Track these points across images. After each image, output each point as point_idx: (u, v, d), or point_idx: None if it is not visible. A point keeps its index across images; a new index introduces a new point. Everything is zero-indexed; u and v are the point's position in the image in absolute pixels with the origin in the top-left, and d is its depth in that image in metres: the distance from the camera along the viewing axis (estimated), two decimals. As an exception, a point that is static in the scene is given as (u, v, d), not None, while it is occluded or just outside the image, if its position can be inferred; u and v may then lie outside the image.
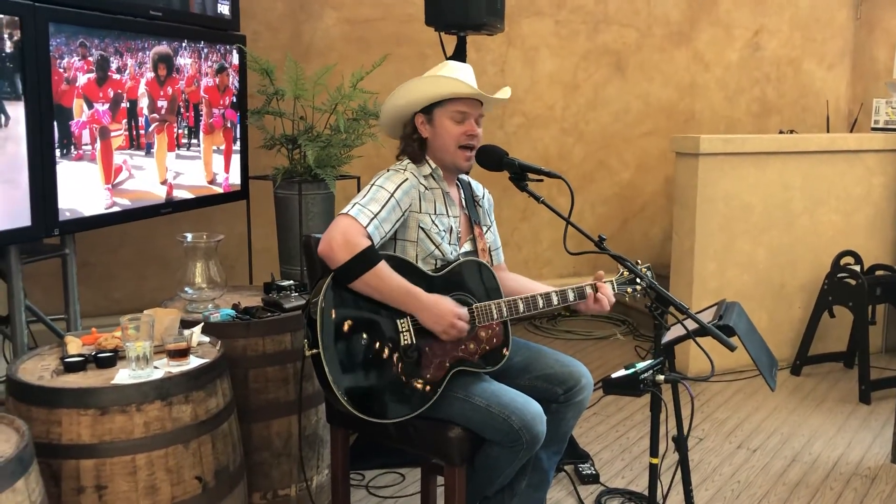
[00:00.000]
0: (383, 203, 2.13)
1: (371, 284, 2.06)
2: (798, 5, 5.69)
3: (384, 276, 2.06)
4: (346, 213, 2.09)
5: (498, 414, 2.07)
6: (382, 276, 2.06)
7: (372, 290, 2.07)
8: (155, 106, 3.19)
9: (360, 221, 2.07)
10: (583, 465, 3.14)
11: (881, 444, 3.44)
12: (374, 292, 2.07)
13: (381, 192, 2.16)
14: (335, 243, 2.03)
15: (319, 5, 4.52)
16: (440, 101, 2.27)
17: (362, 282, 2.05)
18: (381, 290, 2.07)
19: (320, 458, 2.77)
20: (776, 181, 4.31)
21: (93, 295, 4.01)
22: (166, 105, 3.24)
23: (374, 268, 2.04)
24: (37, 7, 2.62)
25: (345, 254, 2.02)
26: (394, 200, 2.15)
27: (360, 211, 2.10)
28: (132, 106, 3.06)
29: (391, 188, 2.17)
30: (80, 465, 1.93)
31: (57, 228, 2.79)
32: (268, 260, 4.01)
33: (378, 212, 2.11)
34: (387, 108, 2.34)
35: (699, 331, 1.95)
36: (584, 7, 5.22)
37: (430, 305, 2.10)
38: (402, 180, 2.20)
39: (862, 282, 4.05)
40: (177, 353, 2.12)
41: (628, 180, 5.54)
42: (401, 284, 2.09)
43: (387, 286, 2.07)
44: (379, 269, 2.05)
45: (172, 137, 3.31)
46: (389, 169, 2.27)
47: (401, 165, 2.29)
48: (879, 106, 4.75)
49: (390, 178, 2.20)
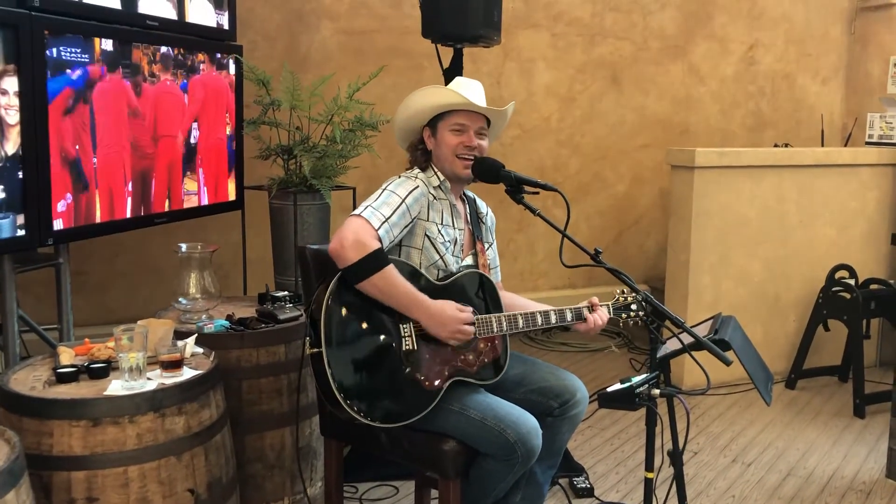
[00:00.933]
0: (394, 208, 2.15)
1: (378, 286, 2.06)
2: (793, 20, 5.72)
3: (392, 279, 2.07)
4: (358, 215, 2.11)
5: (493, 427, 2.06)
6: (390, 278, 2.07)
7: (379, 292, 2.07)
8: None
9: (371, 223, 2.09)
10: (577, 478, 3.13)
11: (876, 458, 3.43)
12: (380, 294, 2.07)
13: (393, 197, 2.17)
14: (346, 242, 2.04)
15: (316, 16, 4.52)
16: (443, 113, 2.30)
17: (370, 283, 2.05)
18: (388, 292, 2.07)
19: (313, 470, 2.76)
20: (771, 195, 4.32)
21: (86, 304, 3.99)
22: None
23: (382, 269, 2.05)
24: (34, 17, 2.62)
25: (355, 253, 2.03)
26: (404, 206, 2.17)
27: (372, 213, 2.11)
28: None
29: (403, 194, 2.19)
30: (71, 477, 1.91)
31: (51, 238, 2.78)
32: (262, 270, 4.00)
33: (389, 216, 2.13)
34: (397, 120, 2.38)
35: (695, 345, 1.95)
36: (580, 20, 5.24)
37: (436, 312, 2.10)
38: (414, 187, 2.22)
39: (857, 295, 4.06)
40: (170, 365, 2.11)
41: (623, 193, 5.55)
42: (407, 289, 2.09)
43: (394, 289, 2.07)
44: (387, 272, 2.06)
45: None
46: (401, 175, 2.30)
47: (412, 173, 2.31)
48: (874, 120, 4.78)
49: (402, 185, 2.22)
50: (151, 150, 3.22)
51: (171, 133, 3.33)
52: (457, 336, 2.12)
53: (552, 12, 5.16)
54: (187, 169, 3.45)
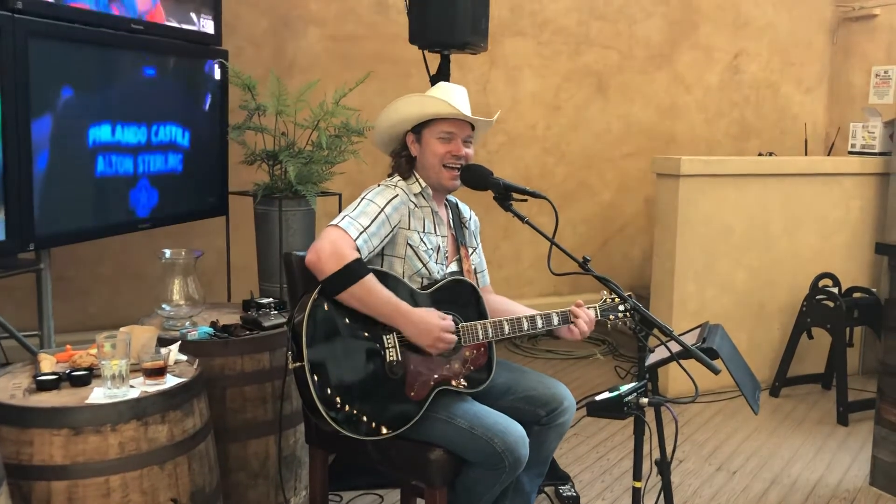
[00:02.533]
0: (373, 217, 2.12)
1: (357, 297, 2.03)
2: (777, 30, 5.76)
3: (372, 289, 2.04)
4: (335, 225, 2.08)
5: (481, 436, 2.05)
6: (370, 288, 2.04)
7: (358, 303, 2.04)
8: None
9: (349, 234, 2.06)
10: (563, 486, 3.11)
11: (859, 466, 3.45)
12: (360, 305, 2.05)
13: (372, 206, 2.15)
14: (324, 254, 2.01)
15: (303, 22, 4.51)
16: (428, 120, 2.27)
17: (349, 294, 2.03)
18: (368, 303, 2.05)
19: (298, 479, 2.73)
20: (756, 203, 4.34)
21: (67, 309, 3.94)
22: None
23: (361, 280, 2.02)
24: (16, 19, 2.59)
25: (333, 265, 2.01)
26: (384, 215, 2.14)
27: (350, 223, 2.08)
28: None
29: (381, 203, 2.16)
30: (51, 487, 1.88)
31: (33, 243, 2.75)
32: (246, 277, 3.96)
33: (368, 226, 2.10)
34: (379, 124, 2.34)
35: (683, 353, 1.95)
36: (566, 28, 5.25)
37: (417, 320, 2.08)
38: (393, 196, 2.20)
39: (840, 304, 4.08)
40: (153, 372, 2.08)
41: (609, 201, 5.56)
42: (388, 298, 2.07)
43: (374, 299, 2.05)
44: (366, 282, 2.03)
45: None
46: (380, 184, 2.26)
47: (391, 181, 2.28)
48: (856, 130, 4.81)
49: (381, 194, 2.20)
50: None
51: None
52: (438, 345, 2.10)
53: (538, 20, 5.17)
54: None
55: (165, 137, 3.37)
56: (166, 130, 3.37)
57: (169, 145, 3.40)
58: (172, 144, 3.42)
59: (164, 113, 3.34)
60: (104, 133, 3.03)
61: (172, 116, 3.39)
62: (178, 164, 3.48)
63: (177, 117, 3.42)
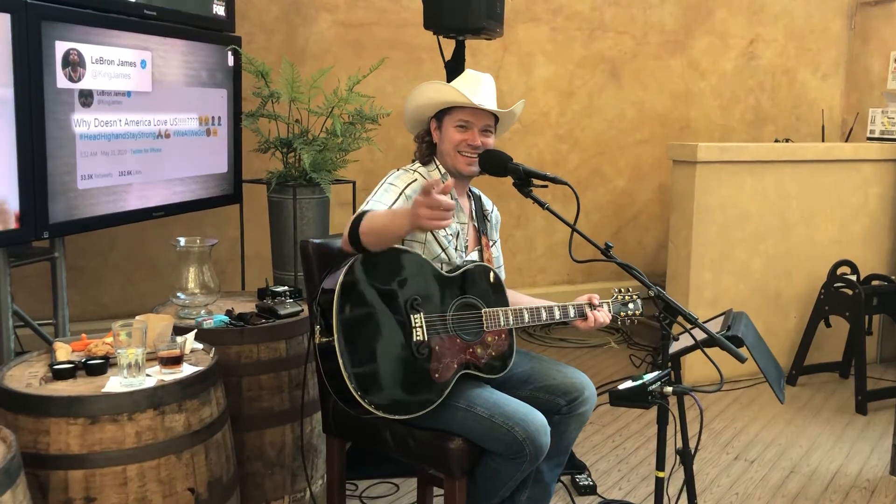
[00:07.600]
0: (395, 196, 2.17)
1: (367, 231, 2.00)
2: (793, 15, 5.69)
3: (373, 217, 2.02)
4: (361, 210, 2.08)
5: (501, 425, 2.02)
6: (371, 217, 2.02)
7: (373, 236, 2.00)
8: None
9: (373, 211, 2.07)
10: (579, 475, 3.09)
11: (879, 455, 3.41)
12: (375, 236, 2.00)
13: (392, 188, 2.19)
14: (346, 229, 2.04)
15: (314, 8, 4.47)
16: (450, 107, 2.27)
17: (363, 234, 2.00)
18: (376, 227, 2.00)
19: (314, 468, 2.71)
20: (773, 190, 4.29)
21: (81, 299, 3.94)
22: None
23: (364, 217, 2.01)
24: (28, 4, 2.56)
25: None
26: (403, 196, 2.17)
27: (374, 205, 2.12)
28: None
29: (401, 185, 2.20)
30: (68, 477, 1.86)
31: (47, 231, 2.73)
32: (259, 265, 3.95)
33: (391, 204, 2.14)
34: (406, 106, 2.36)
35: (707, 341, 1.91)
36: (580, 14, 5.20)
37: (408, 209, 1.95)
38: (412, 180, 2.23)
39: (858, 291, 4.03)
40: (169, 361, 2.06)
41: (622, 188, 5.51)
42: (386, 212, 2.06)
43: (378, 222, 2.01)
44: (367, 216, 2.02)
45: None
46: (400, 169, 2.29)
47: (411, 167, 2.31)
48: (875, 115, 4.75)
49: (400, 177, 2.24)
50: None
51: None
52: (439, 213, 1.89)
53: (552, 6, 5.12)
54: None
55: (178, 125, 3.34)
56: (179, 117, 3.34)
57: (182, 132, 3.37)
58: (185, 131, 3.39)
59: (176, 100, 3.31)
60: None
61: (186, 103, 3.37)
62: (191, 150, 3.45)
63: (190, 105, 3.39)
